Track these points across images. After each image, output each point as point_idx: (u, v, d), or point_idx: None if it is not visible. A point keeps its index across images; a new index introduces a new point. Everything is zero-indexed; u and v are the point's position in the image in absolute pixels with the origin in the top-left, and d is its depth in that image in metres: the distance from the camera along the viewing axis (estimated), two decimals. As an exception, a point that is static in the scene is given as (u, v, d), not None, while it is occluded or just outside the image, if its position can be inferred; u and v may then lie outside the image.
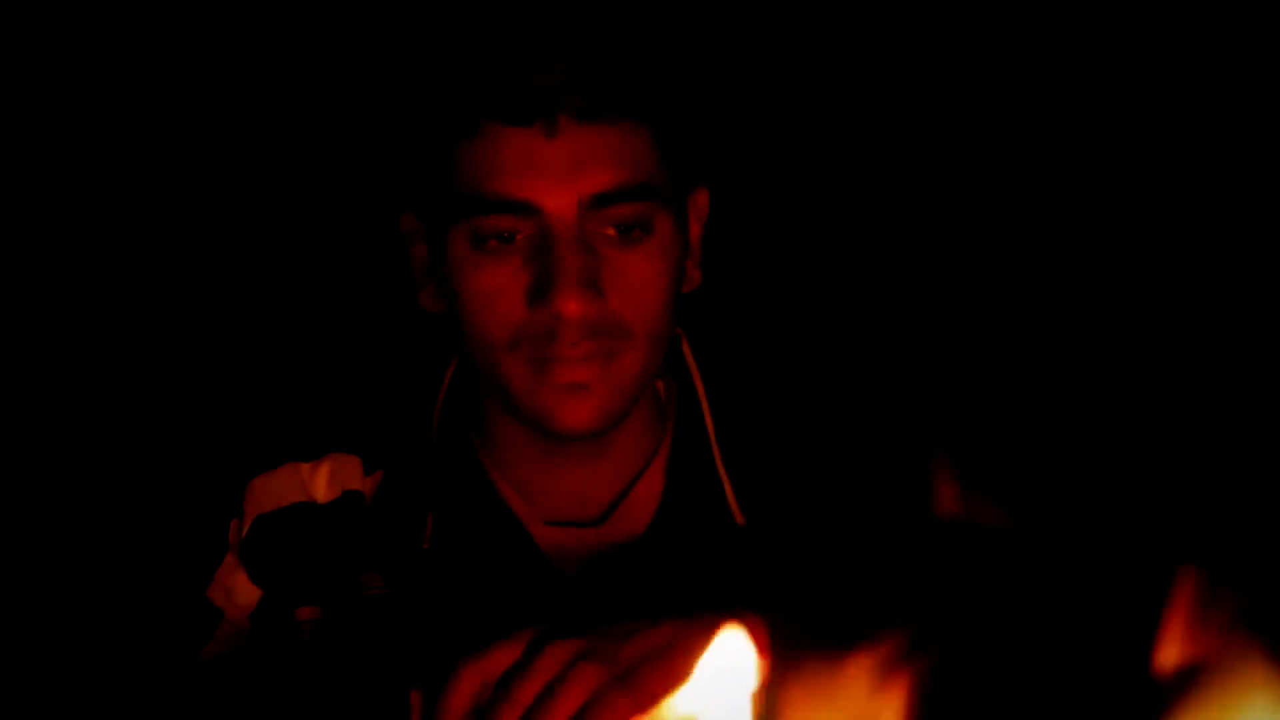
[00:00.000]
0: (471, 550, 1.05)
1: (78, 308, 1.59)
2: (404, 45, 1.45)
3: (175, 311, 1.60)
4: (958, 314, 1.60)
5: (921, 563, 1.08)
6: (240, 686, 1.09)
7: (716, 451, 1.08)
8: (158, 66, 1.59)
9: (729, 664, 0.89)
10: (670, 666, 0.80)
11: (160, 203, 1.60)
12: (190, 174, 1.60)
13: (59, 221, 1.59)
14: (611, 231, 0.97)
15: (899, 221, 1.64)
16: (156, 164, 1.60)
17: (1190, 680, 1.07)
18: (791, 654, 0.90)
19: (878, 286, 1.63)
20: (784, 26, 1.75)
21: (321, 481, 1.08)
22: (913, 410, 1.25)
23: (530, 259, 0.96)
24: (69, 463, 1.55)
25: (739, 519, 1.06)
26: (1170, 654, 1.09)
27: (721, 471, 1.07)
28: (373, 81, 1.50)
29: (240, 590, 1.08)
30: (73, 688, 1.25)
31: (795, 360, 1.28)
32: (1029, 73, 1.62)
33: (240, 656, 1.10)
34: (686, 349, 1.11)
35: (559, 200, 0.95)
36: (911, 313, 1.63)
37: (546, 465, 1.05)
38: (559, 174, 0.95)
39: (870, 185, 1.64)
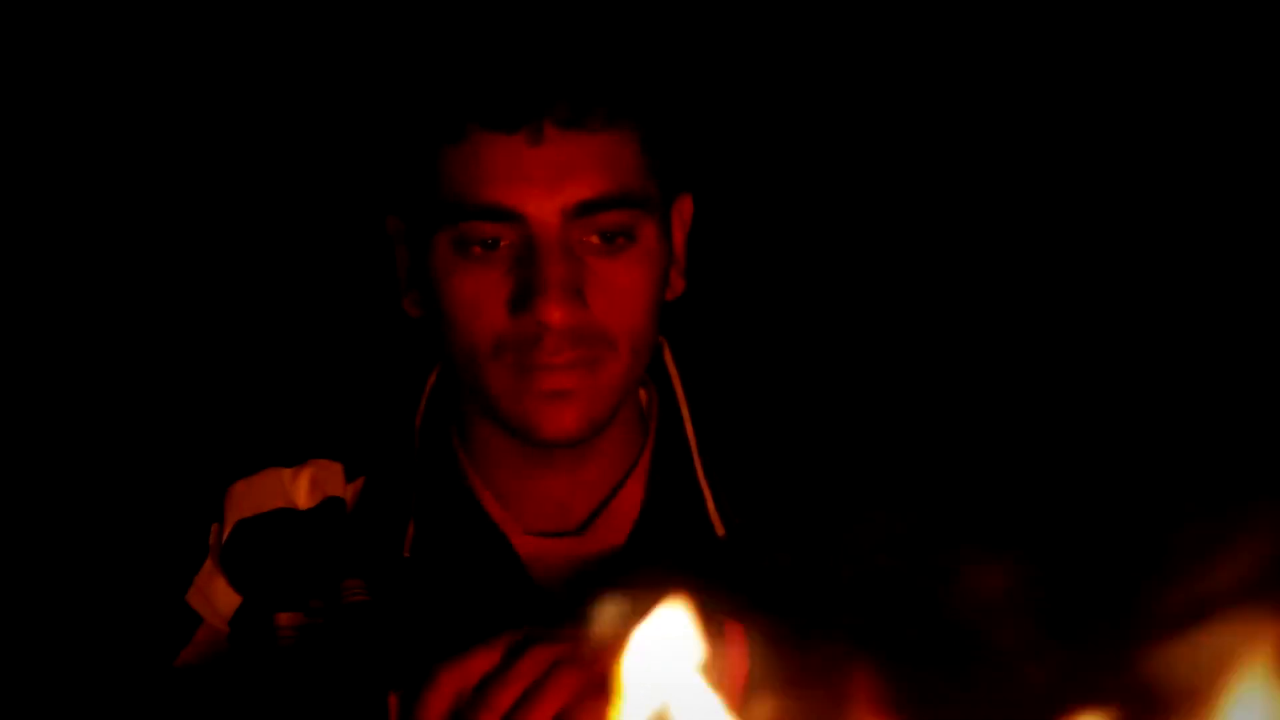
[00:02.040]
0: (451, 559, 1.05)
1: (59, 312, 1.59)
2: (391, 50, 1.45)
3: (158, 315, 1.60)
4: (941, 323, 1.61)
5: (894, 569, 1.09)
6: (218, 692, 1.08)
7: (698, 461, 1.08)
8: (140, 69, 1.58)
9: (670, 636, 0.90)
10: None
11: (143, 207, 1.60)
12: (173, 178, 1.60)
13: (39, 227, 1.59)
14: (595, 239, 0.97)
15: (884, 229, 1.64)
16: (137, 168, 1.59)
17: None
18: (769, 659, 0.91)
19: (862, 296, 1.64)
20: (768, 33, 1.76)
21: (303, 487, 1.08)
22: (893, 421, 1.26)
23: (514, 266, 0.96)
24: (49, 466, 1.55)
25: (719, 529, 1.06)
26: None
27: (702, 481, 1.07)
28: (359, 86, 1.50)
29: (220, 595, 1.08)
30: (50, 691, 1.25)
31: (777, 370, 1.29)
32: (1010, 86, 1.63)
33: (219, 662, 1.10)
34: (668, 357, 1.11)
35: (543, 208, 0.95)
36: (896, 322, 1.63)
37: (528, 473, 1.05)
38: (543, 181, 0.95)
39: (855, 193, 1.65)
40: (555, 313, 0.95)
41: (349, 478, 1.08)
